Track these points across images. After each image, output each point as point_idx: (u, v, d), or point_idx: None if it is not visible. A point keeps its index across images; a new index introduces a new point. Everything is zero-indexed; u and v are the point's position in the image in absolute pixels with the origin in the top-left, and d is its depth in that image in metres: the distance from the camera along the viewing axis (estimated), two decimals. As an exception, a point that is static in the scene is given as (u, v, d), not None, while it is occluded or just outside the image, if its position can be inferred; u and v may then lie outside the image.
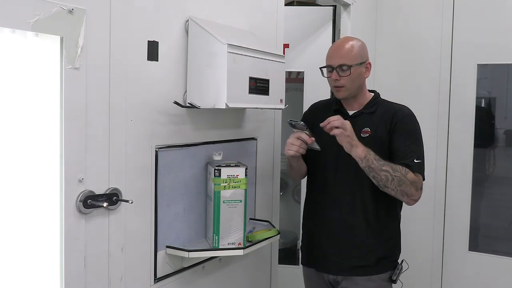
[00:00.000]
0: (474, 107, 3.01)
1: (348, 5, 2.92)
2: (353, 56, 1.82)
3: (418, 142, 1.84)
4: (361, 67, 1.84)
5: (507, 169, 3.72)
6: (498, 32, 2.91)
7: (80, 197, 1.34)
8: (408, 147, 1.80)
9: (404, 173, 1.73)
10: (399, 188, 1.73)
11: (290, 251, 3.39)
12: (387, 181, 1.71)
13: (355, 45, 1.85)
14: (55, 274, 1.32)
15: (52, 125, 1.29)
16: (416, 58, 3.17)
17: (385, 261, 1.86)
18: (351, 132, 1.70)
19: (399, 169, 1.73)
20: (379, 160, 1.71)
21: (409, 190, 1.75)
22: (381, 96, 1.96)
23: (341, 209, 1.85)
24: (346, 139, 1.69)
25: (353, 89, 1.84)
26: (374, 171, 1.71)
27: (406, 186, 1.74)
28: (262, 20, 2.12)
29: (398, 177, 1.72)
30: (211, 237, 1.70)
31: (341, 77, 1.80)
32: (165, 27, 1.61)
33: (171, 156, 1.65)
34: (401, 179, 1.72)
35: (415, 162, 1.78)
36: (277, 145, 2.29)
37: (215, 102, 1.60)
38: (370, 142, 1.77)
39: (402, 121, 1.83)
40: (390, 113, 1.85)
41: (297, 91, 3.20)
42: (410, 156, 1.78)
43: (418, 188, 1.78)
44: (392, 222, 1.91)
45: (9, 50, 1.20)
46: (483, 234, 3.44)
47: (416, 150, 1.81)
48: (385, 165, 1.71)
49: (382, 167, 1.71)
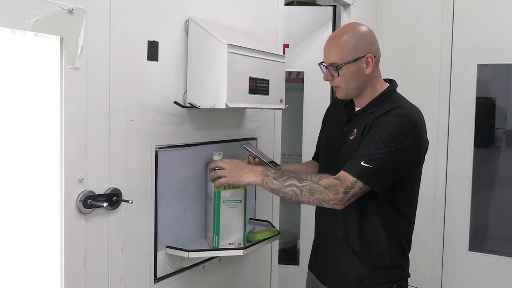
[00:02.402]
0: (474, 107, 3.02)
1: (348, 5, 2.92)
2: (345, 53, 1.59)
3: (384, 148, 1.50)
4: (358, 63, 1.60)
5: (507, 169, 3.72)
6: (498, 32, 2.91)
7: (80, 197, 1.34)
8: (364, 147, 1.53)
9: (316, 180, 1.51)
10: (313, 198, 1.51)
11: (290, 251, 3.40)
12: (297, 195, 1.52)
13: (352, 37, 1.61)
14: (55, 274, 1.32)
15: (52, 125, 1.29)
16: (416, 58, 3.17)
17: (370, 283, 1.65)
18: (230, 165, 1.62)
19: (309, 177, 1.52)
20: (281, 176, 1.54)
21: (326, 196, 1.49)
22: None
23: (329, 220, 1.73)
24: (231, 176, 1.60)
25: (350, 89, 1.64)
26: (279, 191, 1.54)
27: (321, 193, 1.50)
28: (262, 20, 2.12)
29: (307, 186, 1.51)
30: (211, 237, 1.70)
31: (334, 77, 1.63)
32: (165, 27, 1.61)
33: (171, 156, 1.65)
34: (312, 187, 1.50)
35: (359, 164, 1.49)
36: (277, 145, 2.29)
37: (215, 102, 1.60)
38: (354, 146, 1.60)
39: (382, 121, 1.55)
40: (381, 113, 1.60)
41: (297, 91, 3.20)
42: (359, 157, 1.51)
43: (338, 192, 1.48)
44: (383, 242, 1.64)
45: (9, 50, 1.20)
46: (483, 234, 3.45)
47: (372, 154, 1.49)
48: (288, 179, 1.53)
49: (285, 183, 1.52)
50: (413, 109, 1.63)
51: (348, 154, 1.60)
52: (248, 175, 1.60)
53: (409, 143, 1.54)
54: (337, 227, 1.69)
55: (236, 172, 1.61)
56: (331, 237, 1.73)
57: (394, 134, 1.53)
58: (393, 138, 1.52)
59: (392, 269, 1.68)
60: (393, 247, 1.66)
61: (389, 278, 1.68)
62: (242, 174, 1.61)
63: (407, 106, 1.63)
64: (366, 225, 1.63)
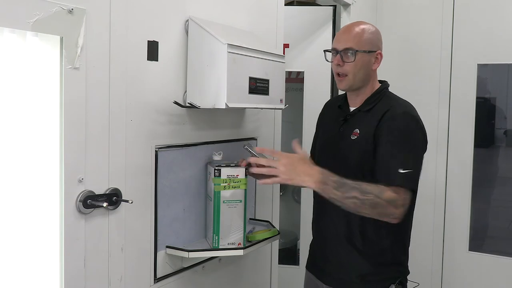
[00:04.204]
0: (474, 107, 3.01)
1: (348, 5, 2.92)
2: (363, 41, 1.62)
3: (407, 148, 1.56)
4: (370, 55, 1.64)
5: (507, 169, 3.72)
6: (498, 32, 2.91)
7: (80, 197, 1.34)
8: (391, 155, 1.54)
9: (378, 193, 1.47)
10: (375, 211, 1.49)
11: (290, 251, 3.39)
12: (357, 207, 1.48)
13: (367, 30, 1.65)
14: (55, 274, 1.32)
15: (52, 125, 1.29)
16: (416, 58, 3.17)
17: (373, 279, 1.68)
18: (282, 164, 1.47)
19: (371, 189, 1.47)
20: (342, 186, 1.46)
21: (388, 210, 1.49)
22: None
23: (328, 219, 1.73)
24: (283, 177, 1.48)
25: (357, 79, 1.65)
26: (337, 201, 1.48)
27: (383, 208, 1.48)
28: (262, 20, 2.12)
29: (370, 199, 1.46)
30: (211, 237, 1.70)
31: (345, 62, 1.62)
32: (165, 27, 1.61)
33: (171, 156, 1.65)
34: (374, 201, 1.46)
35: (399, 172, 1.50)
36: (277, 145, 2.29)
37: (215, 102, 1.60)
38: (357, 146, 1.62)
39: (390, 122, 1.58)
40: (381, 111, 1.62)
41: (297, 91, 3.20)
42: (393, 166, 1.52)
43: (398, 206, 1.49)
44: (385, 239, 1.66)
45: (9, 50, 1.20)
46: (483, 234, 3.45)
47: (402, 158, 1.53)
48: (350, 191, 1.46)
49: (346, 194, 1.46)
50: (408, 105, 1.68)
51: (352, 154, 1.64)
52: (304, 180, 1.48)
53: (420, 136, 1.62)
54: (339, 225, 1.70)
55: (289, 173, 1.48)
56: (332, 236, 1.73)
57: (407, 133, 1.59)
58: (407, 137, 1.59)
59: (394, 266, 1.71)
60: (395, 245, 1.69)
61: (391, 274, 1.70)
62: (295, 177, 1.48)
63: (402, 103, 1.68)
64: (369, 223, 1.63)
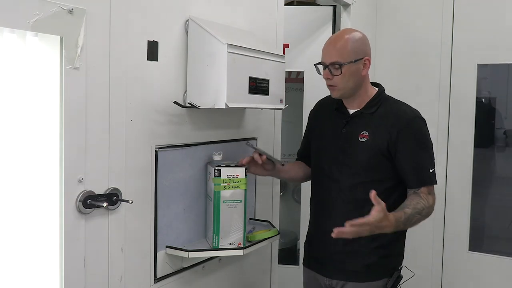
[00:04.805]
0: (474, 107, 3.01)
1: (348, 5, 2.92)
2: (347, 53, 1.68)
3: (428, 149, 1.74)
4: (357, 64, 1.70)
5: (507, 169, 3.72)
6: (498, 32, 2.91)
7: (80, 197, 1.34)
8: (420, 161, 1.71)
9: (428, 205, 1.68)
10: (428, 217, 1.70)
11: (290, 251, 3.39)
12: (419, 222, 1.68)
13: (351, 39, 1.71)
14: (55, 274, 1.32)
15: (52, 125, 1.29)
16: (416, 58, 3.17)
17: (378, 268, 1.77)
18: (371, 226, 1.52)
19: (422, 204, 1.66)
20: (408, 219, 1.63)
21: (432, 210, 1.71)
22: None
23: (333, 214, 1.77)
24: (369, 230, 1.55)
25: (347, 88, 1.72)
26: (406, 227, 1.69)
27: (430, 210, 1.70)
28: (262, 20, 2.12)
29: (425, 212, 1.68)
30: (211, 237, 1.70)
31: (334, 75, 1.70)
32: (165, 27, 1.61)
33: (171, 156, 1.65)
34: (428, 211, 1.69)
35: (429, 172, 1.71)
36: (277, 145, 2.29)
37: (215, 102, 1.60)
38: (366, 148, 1.70)
39: (408, 129, 1.71)
40: (392, 117, 1.73)
41: (297, 91, 3.20)
42: (424, 167, 1.71)
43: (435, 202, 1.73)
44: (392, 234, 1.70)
45: (9, 50, 1.20)
46: (483, 234, 3.45)
47: (429, 161, 1.72)
48: (414, 218, 1.64)
49: (412, 221, 1.64)
50: (412, 108, 1.79)
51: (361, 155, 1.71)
52: (384, 231, 1.57)
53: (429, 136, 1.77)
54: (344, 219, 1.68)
55: (374, 230, 1.55)
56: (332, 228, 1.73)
57: (425, 135, 1.75)
58: (426, 137, 1.75)
59: (398, 257, 1.84)
60: (400, 236, 1.81)
61: (395, 264, 1.81)
62: (378, 231, 1.56)
63: (407, 107, 1.79)
64: None
